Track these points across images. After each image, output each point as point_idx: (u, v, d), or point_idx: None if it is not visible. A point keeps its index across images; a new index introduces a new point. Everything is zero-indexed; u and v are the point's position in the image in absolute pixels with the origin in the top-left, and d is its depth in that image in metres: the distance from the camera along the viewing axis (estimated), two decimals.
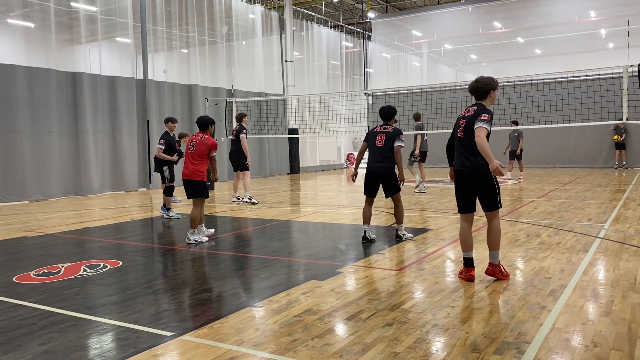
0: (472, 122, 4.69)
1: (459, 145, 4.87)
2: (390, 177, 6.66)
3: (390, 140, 6.61)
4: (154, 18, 16.33)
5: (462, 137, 4.82)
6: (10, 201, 12.51)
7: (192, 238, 7.06)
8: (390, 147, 6.60)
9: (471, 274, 4.84)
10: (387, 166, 6.62)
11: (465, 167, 4.81)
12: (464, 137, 4.80)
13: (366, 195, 6.85)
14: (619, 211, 8.92)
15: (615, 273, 4.98)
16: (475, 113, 4.73)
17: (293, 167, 22.03)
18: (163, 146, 9.47)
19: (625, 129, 19.04)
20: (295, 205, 11.42)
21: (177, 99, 16.99)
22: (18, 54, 13.32)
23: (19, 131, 12.69)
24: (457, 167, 4.91)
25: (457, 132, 4.89)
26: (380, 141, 6.65)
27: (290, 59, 21.65)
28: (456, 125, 4.95)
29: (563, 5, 22.33)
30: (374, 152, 6.70)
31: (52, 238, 7.83)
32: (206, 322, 3.89)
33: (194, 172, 7.13)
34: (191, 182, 7.19)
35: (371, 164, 6.72)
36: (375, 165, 6.66)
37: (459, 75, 28.43)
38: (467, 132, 4.77)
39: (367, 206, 6.86)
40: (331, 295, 4.50)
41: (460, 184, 4.94)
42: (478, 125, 4.58)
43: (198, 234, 7.18)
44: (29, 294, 4.75)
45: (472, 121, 4.70)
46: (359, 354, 3.25)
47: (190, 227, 7.12)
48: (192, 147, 7.19)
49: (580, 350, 3.24)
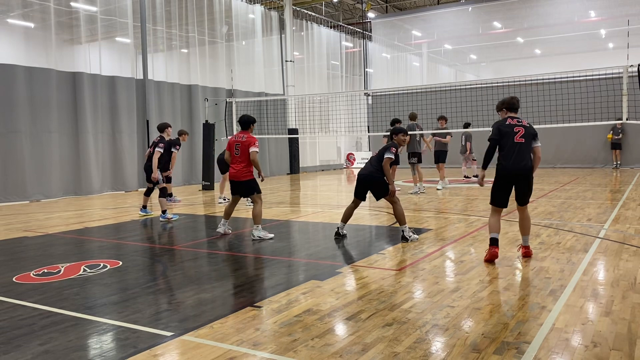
0: (531, 133, 5.58)
1: (519, 150, 5.51)
2: (377, 184, 6.96)
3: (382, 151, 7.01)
4: (154, 18, 16.33)
5: (524, 142, 5.55)
6: (10, 201, 12.51)
7: (257, 234, 7.22)
8: (380, 157, 6.97)
9: (495, 251, 5.54)
10: (374, 174, 6.97)
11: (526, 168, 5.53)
12: (525, 142, 5.56)
13: (354, 197, 7.22)
14: (619, 211, 8.92)
15: (615, 273, 4.98)
16: (531, 126, 5.62)
17: (293, 167, 22.03)
18: (162, 149, 9.36)
19: (622, 129, 19.05)
20: (295, 205, 11.42)
21: (177, 99, 17.00)
22: (18, 54, 13.33)
23: (19, 131, 12.69)
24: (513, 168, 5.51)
25: (514, 139, 5.52)
26: (374, 151, 7.32)
27: (290, 59, 21.65)
28: (510, 133, 5.55)
29: (563, 5, 22.33)
30: (368, 161, 7.21)
31: (52, 238, 7.83)
32: (206, 322, 3.89)
33: (241, 172, 7.29)
34: (240, 182, 7.35)
35: (361, 171, 7.20)
36: (363, 173, 7.11)
37: (459, 75, 28.42)
38: (527, 139, 5.57)
39: (351, 205, 7.29)
40: (331, 295, 4.50)
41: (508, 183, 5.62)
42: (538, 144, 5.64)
43: (262, 230, 7.31)
44: (29, 294, 4.75)
45: (531, 132, 5.57)
46: (359, 354, 3.25)
47: (254, 224, 7.26)
48: (237, 150, 7.30)
49: (580, 350, 3.24)
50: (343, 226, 7.28)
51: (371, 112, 22.98)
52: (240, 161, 7.28)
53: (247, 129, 7.44)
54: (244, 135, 7.34)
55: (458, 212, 9.40)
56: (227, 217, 7.59)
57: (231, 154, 7.39)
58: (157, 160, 9.25)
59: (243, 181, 7.32)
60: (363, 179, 7.06)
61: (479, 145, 19.22)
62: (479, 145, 19.19)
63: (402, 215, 6.88)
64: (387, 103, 19.03)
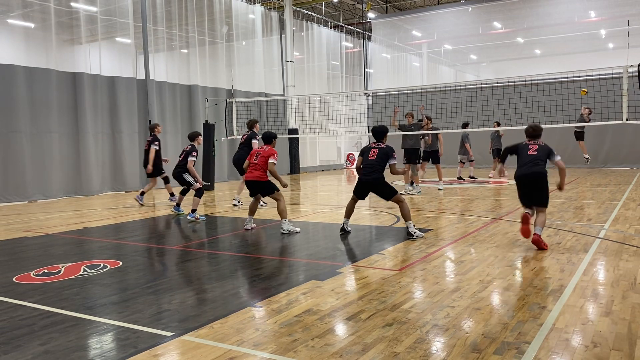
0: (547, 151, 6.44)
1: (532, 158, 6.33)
2: (380, 186, 7.15)
3: (383, 155, 7.18)
4: (154, 18, 16.33)
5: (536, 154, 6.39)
6: (11, 201, 12.51)
7: (286, 228, 7.64)
8: (382, 161, 7.17)
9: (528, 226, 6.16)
10: (375, 177, 7.15)
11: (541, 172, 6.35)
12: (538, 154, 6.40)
13: (354, 194, 7.45)
14: (619, 211, 8.92)
15: (615, 273, 4.98)
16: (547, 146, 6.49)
17: (293, 167, 22.03)
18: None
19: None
20: (295, 206, 11.42)
21: (177, 99, 16.99)
22: (18, 54, 13.32)
23: (19, 131, 12.69)
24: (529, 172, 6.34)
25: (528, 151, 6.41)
26: (372, 155, 7.24)
27: (290, 59, 21.65)
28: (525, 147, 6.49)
29: (563, 6, 22.32)
30: (366, 165, 7.29)
31: (52, 238, 7.83)
32: (206, 322, 3.89)
33: (258, 176, 7.77)
34: (258, 182, 7.79)
35: (362, 175, 7.31)
36: (365, 177, 7.23)
37: (459, 75, 28.42)
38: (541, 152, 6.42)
39: (351, 202, 7.51)
40: (331, 295, 4.50)
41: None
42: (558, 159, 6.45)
43: (290, 224, 7.76)
44: (29, 294, 4.75)
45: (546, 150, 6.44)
46: (359, 354, 3.25)
47: (281, 218, 7.70)
48: (256, 157, 7.90)
49: (580, 351, 3.24)
50: (347, 222, 7.51)
51: (371, 112, 22.97)
52: (259, 167, 7.80)
53: (269, 142, 8.02)
54: (266, 147, 7.97)
55: (458, 212, 9.40)
56: (252, 214, 8.09)
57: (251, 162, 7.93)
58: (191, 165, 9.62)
59: (260, 181, 7.77)
60: (365, 182, 7.23)
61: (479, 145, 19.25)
62: (479, 145, 19.24)
63: (408, 212, 7.04)
64: (387, 103, 19.03)
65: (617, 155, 20.23)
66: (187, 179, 9.70)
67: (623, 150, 20.02)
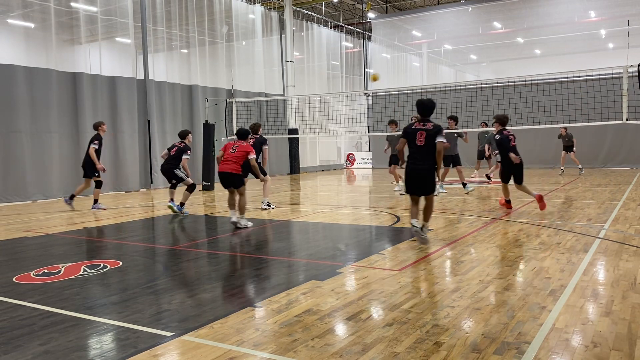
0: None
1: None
2: (431, 178, 6.46)
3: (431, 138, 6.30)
4: (154, 18, 16.33)
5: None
6: (11, 201, 12.51)
7: (243, 223, 8.16)
8: (431, 146, 6.29)
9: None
10: (430, 171, 6.39)
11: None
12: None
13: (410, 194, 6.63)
14: (619, 211, 8.92)
15: (615, 273, 4.98)
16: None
17: (293, 167, 22.02)
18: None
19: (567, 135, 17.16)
20: (295, 206, 11.42)
21: (178, 99, 17.00)
22: (18, 54, 13.32)
23: (19, 131, 12.69)
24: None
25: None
26: (420, 139, 6.31)
27: (290, 59, 21.65)
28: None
29: (563, 6, 22.32)
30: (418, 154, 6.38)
31: (52, 238, 7.83)
32: (206, 322, 3.89)
33: (233, 169, 8.16)
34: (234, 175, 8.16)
35: (415, 166, 6.43)
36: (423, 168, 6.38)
37: (459, 75, 28.42)
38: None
39: (413, 204, 6.64)
40: (331, 295, 4.50)
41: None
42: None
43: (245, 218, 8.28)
44: (29, 294, 4.75)
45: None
46: (359, 354, 3.25)
47: (239, 214, 8.18)
48: (233, 149, 8.27)
49: (580, 351, 3.24)
50: (416, 221, 6.51)
51: (371, 112, 22.97)
52: (236, 161, 8.18)
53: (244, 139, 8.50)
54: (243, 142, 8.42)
55: (458, 212, 9.40)
56: (233, 207, 8.35)
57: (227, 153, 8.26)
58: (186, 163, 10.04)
59: (234, 174, 8.14)
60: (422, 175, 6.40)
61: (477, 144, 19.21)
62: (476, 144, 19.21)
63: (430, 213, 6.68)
64: (387, 103, 19.02)
65: (617, 155, 20.22)
66: (179, 175, 9.99)
67: (623, 150, 20.02)
